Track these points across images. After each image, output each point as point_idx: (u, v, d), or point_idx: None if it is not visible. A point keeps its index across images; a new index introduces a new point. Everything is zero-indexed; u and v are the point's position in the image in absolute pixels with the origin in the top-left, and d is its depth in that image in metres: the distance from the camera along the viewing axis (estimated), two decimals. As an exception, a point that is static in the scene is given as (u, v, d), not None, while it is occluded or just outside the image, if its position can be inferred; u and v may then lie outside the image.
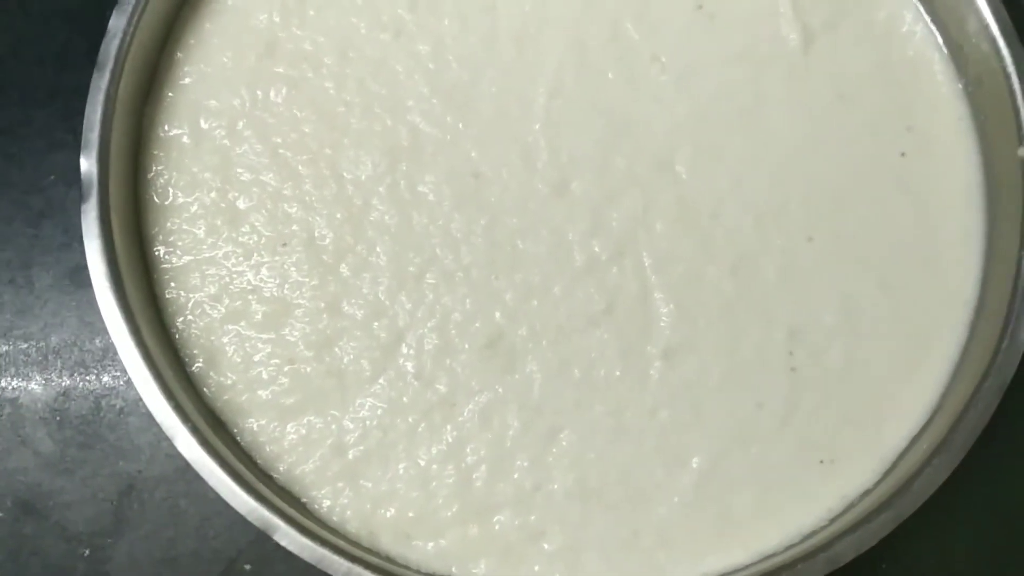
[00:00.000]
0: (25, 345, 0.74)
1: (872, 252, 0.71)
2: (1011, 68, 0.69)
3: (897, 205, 0.71)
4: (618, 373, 0.68)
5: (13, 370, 0.74)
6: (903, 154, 0.72)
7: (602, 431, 0.68)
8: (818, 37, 0.74)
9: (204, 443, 0.63)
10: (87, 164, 0.67)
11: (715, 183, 0.71)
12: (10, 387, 0.73)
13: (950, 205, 0.72)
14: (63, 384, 0.73)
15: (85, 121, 0.68)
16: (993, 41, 0.70)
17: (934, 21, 0.74)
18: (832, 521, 0.66)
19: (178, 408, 0.63)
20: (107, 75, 0.68)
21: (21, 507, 0.71)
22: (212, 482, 0.62)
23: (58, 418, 0.72)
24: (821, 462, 0.67)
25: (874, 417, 0.68)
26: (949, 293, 0.70)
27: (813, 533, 0.66)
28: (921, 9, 0.75)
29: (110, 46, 0.69)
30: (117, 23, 0.69)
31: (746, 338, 0.69)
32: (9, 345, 0.74)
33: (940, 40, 0.74)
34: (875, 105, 0.73)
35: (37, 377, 0.73)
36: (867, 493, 0.67)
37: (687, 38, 0.74)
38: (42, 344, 0.74)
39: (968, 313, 0.70)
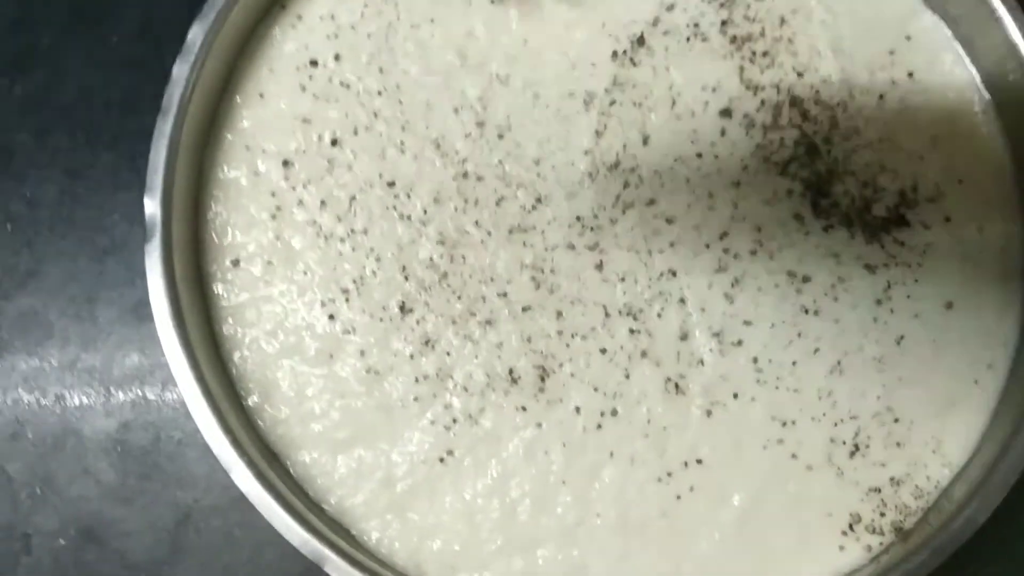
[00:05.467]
0: (89, 377, 0.76)
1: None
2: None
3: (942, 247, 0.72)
4: (660, 410, 0.70)
5: (77, 401, 0.76)
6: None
7: (644, 467, 0.69)
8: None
9: (259, 476, 0.65)
10: (151, 206, 0.69)
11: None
12: (74, 418, 0.76)
13: (992, 246, 0.72)
14: (125, 416, 0.76)
15: (149, 165, 0.70)
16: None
17: (973, 63, 0.75)
18: (872, 561, 0.67)
19: (235, 442, 0.65)
20: (170, 121, 0.70)
21: (84, 535, 0.74)
22: (266, 514, 0.64)
23: (119, 448, 0.75)
24: (861, 501, 0.68)
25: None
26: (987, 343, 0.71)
27: (852, 572, 0.66)
28: (962, 52, 0.75)
29: (173, 93, 0.71)
30: (180, 71, 0.71)
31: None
32: (74, 377, 0.76)
33: (980, 84, 0.75)
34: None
35: (100, 409, 0.76)
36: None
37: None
38: (105, 376, 0.76)
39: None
